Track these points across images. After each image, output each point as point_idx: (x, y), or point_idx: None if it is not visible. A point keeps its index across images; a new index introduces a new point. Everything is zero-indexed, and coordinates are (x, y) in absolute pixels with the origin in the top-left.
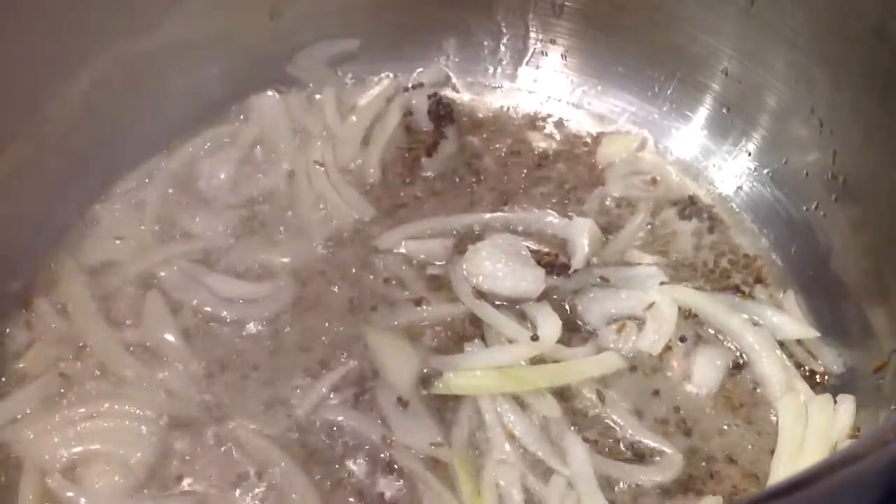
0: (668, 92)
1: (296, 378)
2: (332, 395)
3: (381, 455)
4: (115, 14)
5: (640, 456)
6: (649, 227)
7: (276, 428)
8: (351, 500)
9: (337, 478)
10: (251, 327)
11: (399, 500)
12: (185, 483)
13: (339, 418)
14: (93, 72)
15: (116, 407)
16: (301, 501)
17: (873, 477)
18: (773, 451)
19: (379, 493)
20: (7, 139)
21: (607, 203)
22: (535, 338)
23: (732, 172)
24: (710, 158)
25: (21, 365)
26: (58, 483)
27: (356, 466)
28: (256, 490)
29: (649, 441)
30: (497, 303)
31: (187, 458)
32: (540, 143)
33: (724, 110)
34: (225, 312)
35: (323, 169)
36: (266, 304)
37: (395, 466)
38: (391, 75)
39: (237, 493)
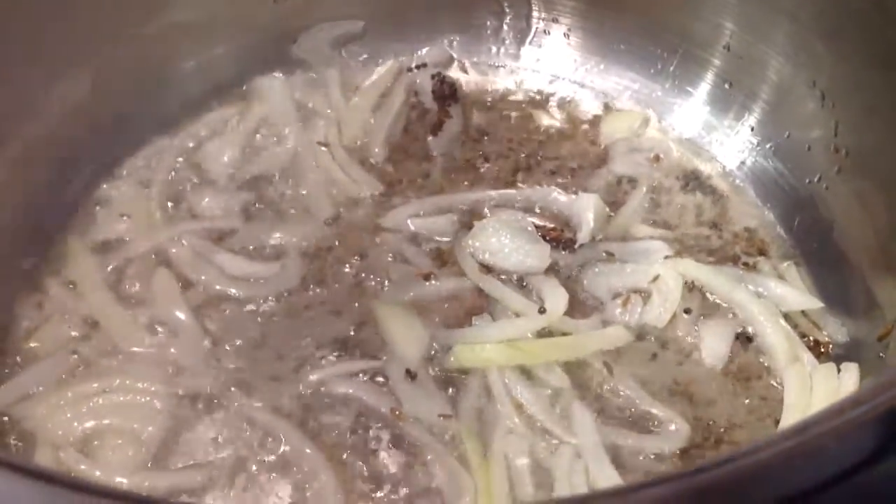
0: (671, 69)
1: (305, 353)
2: (341, 369)
3: (390, 427)
4: None
5: (648, 426)
6: (653, 201)
7: (286, 402)
8: (360, 470)
9: (346, 449)
10: (260, 305)
11: (408, 471)
12: (197, 456)
13: (349, 391)
14: (101, 53)
15: (128, 382)
16: (311, 473)
17: (882, 419)
18: (778, 421)
19: (388, 463)
20: (16, 119)
21: (611, 180)
22: (542, 311)
23: (735, 147)
24: (712, 133)
25: (33, 343)
26: (71, 457)
27: (365, 438)
28: (267, 463)
29: (656, 411)
30: (503, 277)
31: (198, 432)
32: (544, 122)
33: (727, 86)
34: (234, 290)
35: (328, 149)
36: (275, 282)
37: (404, 438)
38: (395, 56)
39: (248, 466)
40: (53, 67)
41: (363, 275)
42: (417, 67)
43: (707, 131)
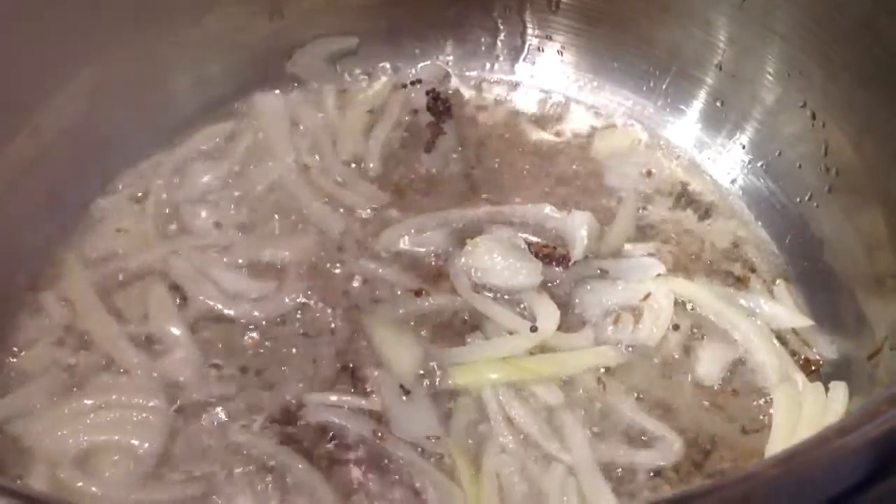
0: (663, 86)
1: (298, 371)
2: (334, 387)
3: (382, 445)
4: (119, 11)
5: (641, 441)
6: (645, 217)
7: (278, 419)
8: (353, 489)
9: (338, 468)
10: (255, 321)
11: (399, 490)
12: (194, 471)
13: (342, 410)
14: (96, 68)
15: (124, 398)
16: (304, 490)
17: (866, 448)
18: (768, 437)
19: (381, 482)
20: (11, 134)
21: (604, 195)
22: (534, 329)
23: (727, 165)
24: (704, 151)
25: (28, 358)
26: (68, 474)
27: (358, 457)
28: (262, 478)
29: (649, 426)
30: (496, 295)
31: (194, 446)
32: (537, 138)
33: (718, 104)
34: (229, 307)
35: (324, 165)
36: (270, 298)
37: (394, 459)
38: (390, 72)
39: (244, 480)
40: (49, 83)
41: (356, 292)
42: (412, 83)
43: (699, 148)
